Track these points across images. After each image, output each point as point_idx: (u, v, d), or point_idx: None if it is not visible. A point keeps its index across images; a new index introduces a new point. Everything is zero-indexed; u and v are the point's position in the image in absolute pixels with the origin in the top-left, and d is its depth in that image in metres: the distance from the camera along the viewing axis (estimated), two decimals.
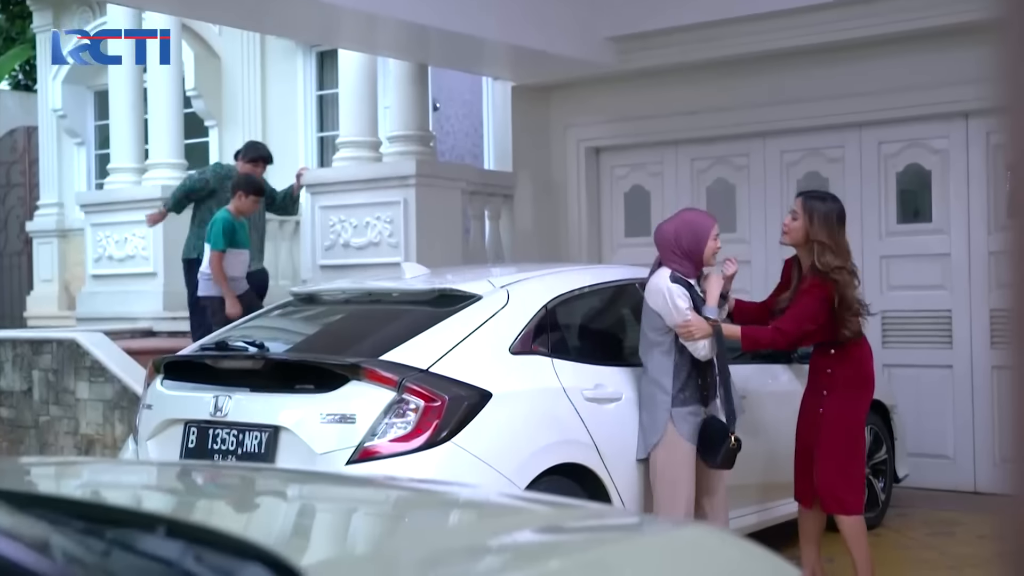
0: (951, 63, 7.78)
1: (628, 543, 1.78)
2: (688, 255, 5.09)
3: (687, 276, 5.09)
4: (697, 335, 4.93)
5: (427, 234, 8.49)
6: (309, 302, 5.70)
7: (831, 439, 5.16)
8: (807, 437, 5.25)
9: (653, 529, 1.98)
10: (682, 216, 5.31)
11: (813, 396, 5.28)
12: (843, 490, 5.15)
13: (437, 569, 1.52)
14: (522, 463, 4.63)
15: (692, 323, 4.93)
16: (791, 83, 8.42)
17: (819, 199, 5.24)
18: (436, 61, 9.06)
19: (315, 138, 11.98)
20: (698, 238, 5.09)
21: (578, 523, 1.96)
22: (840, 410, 5.17)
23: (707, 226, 5.14)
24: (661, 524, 2.09)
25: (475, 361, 4.73)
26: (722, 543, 1.88)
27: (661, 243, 5.17)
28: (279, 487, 2.21)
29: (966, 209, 7.95)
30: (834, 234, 5.11)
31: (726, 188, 9.03)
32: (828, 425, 5.15)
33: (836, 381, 5.18)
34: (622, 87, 9.16)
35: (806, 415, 5.30)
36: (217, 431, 4.82)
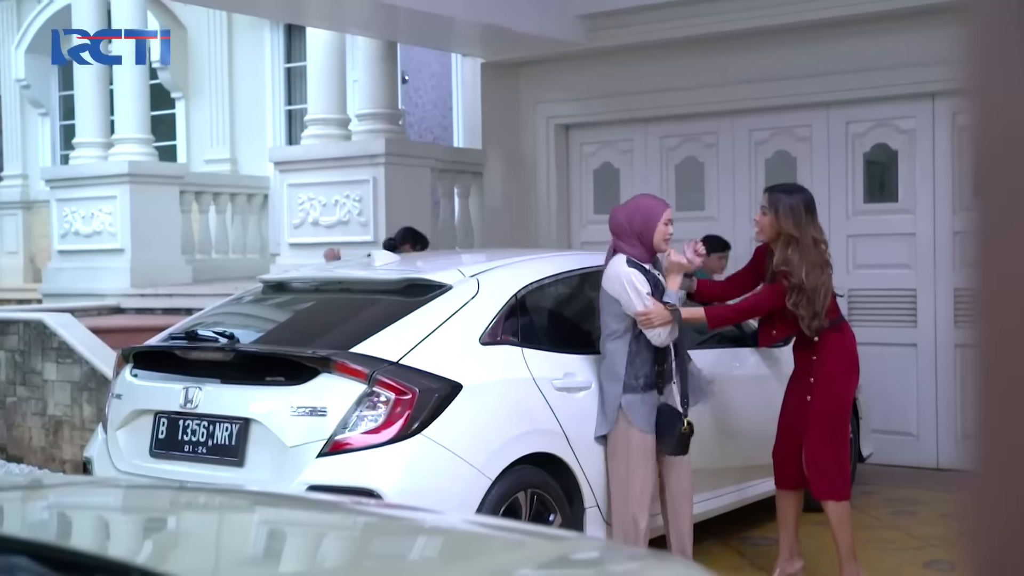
0: (918, 44, 7.81)
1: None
2: (640, 238, 5.12)
3: (642, 261, 5.12)
4: (656, 322, 4.96)
5: (396, 212, 8.47)
6: (279, 290, 5.69)
7: (821, 425, 5.20)
8: (794, 424, 5.29)
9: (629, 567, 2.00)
10: (636, 201, 5.36)
11: (800, 383, 5.31)
12: (834, 476, 5.22)
13: None
14: (493, 454, 4.66)
15: (652, 311, 4.96)
16: (760, 62, 8.43)
17: (785, 192, 5.27)
18: (405, 39, 9.02)
19: (283, 111, 11.92)
20: (648, 222, 5.11)
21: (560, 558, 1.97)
22: (828, 396, 5.22)
23: (658, 211, 5.17)
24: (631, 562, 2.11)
25: (445, 352, 4.75)
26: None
27: (615, 228, 5.20)
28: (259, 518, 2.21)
29: (932, 189, 8.02)
30: (801, 225, 5.14)
31: (695, 166, 9.05)
32: (817, 412, 5.20)
33: (823, 368, 5.22)
34: (592, 64, 9.14)
35: (792, 402, 5.33)
36: (187, 422, 4.82)
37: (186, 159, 12.12)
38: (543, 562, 1.95)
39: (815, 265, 5.11)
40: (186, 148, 12.39)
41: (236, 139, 12.02)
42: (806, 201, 5.21)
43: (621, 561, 2.08)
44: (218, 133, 12.07)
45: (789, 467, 5.34)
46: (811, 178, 8.37)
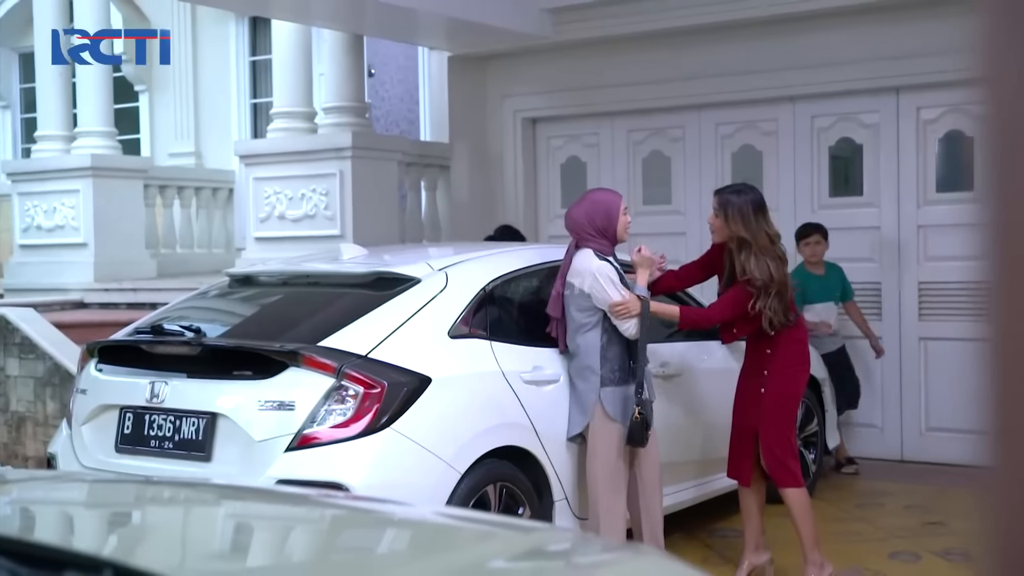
0: (883, 38, 7.88)
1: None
2: (603, 233, 5.13)
3: (607, 254, 5.14)
4: (634, 311, 4.98)
5: (363, 206, 8.44)
6: (246, 284, 5.65)
7: (776, 417, 5.27)
8: (748, 416, 5.33)
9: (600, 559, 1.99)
10: (589, 197, 5.36)
11: (753, 376, 5.35)
12: (792, 465, 5.28)
13: None
14: (462, 447, 4.65)
15: (629, 301, 4.98)
16: (726, 56, 8.46)
17: (734, 193, 5.30)
18: (371, 31, 8.98)
19: (248, 105, 11.84)
20: (609, 215, 5.13)
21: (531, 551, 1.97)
22: (782, 388, 5.28)
23: (615, 203, 5.19)
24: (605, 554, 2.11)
25: (414, 346, 4.74)
26: (668, 571, 1.91)
27: (575, 227, 5.20)
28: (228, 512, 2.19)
29: (896, 183, 8.08)
30: (751, 226, 5.16)
31: (662, 160, 9.07)
32: (771, 403, 5.26)
33: (777, 361, 5.27)
34: (559, 58, 9.14)
35: (746, 395, 5.38)
36: (154, 417, 4.78)
37: (150, 153, 12.02)
38: (516, 554, 1.95)
39: (775, 262, 5.14)
40: (150, 142, 12.29)
41: (201, 133, 11.93)
42: (754, 201, 5.24)
43: (596, 552, 2.08)
44: (182, 127, 11.98)
45: (745, 461, 5.38)
46: (777, 172, 8.43)
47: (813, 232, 7.59)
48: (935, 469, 7.71)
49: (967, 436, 7.84)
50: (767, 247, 5.16)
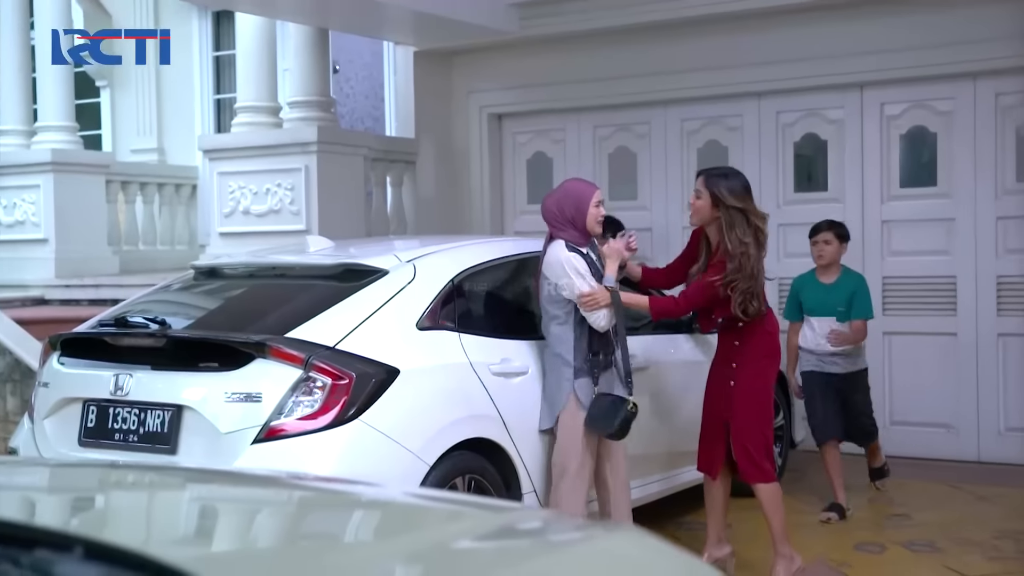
0: (848, 35, 7.94)
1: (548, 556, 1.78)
2: (572, 223, 5.13)
3: (578, 245, 5.14)
4: (601, 302, 4.98)
5: (329, 201, 8.39)
6: (211, 276, 5.59)
7: (747, 410, 5.26)
8: (718, 409, 5.34)
9: (572, 537, 1.98)
10: (564, 186, 5.37)
11: (723, 368, 5.36)
12: (762, 458, 5.28)
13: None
14: (430, 439, 4.63)
15: (596, 292, 4.98)
16: (691, 52, 8.49)
17: (721, 176, 5.30)
18: (337, 25, 8.93)
19: (212, 100, 11.74)
20: (580, 207, 5.14)
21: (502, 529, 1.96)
22: (752, 381, 5.28)
23: (588, 194, 5.19)
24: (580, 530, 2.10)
25: (382, 337, 4.71)
26: (644, 549, 1.90)
27: (548, 216, 5.22)
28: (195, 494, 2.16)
29: (860, 178, 8.14)
30: (744, 200, 5.18)
31: (627, 155, 9.09)
32: (742, 396, 5.26)
33: (746, 353, 5.28)
34: (525, 54, 9.13)
35: (716, 387, 5.38)
36: (118, 410, 4.73)
37: (112, 149, 11.88)
38: (487, 532, 1.93)
39: (757, 241, 5.15)
40: (112, 138, 12.15)
41: (164, 128, 11.81)
42: (744, 184, 5.25)
43: (567, 531, 2.07)
44: (145, 122, 11.86)
45: (714, 453, 5.38)
46: (742, 167, 8.36)
47: (822, 230, 6.65)
48: (899, 462, 7.75)
49: (931, 429, 7.92)
50: (759, 229, 5.15)
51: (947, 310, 7.90)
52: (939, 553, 5.75)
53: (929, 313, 7.97)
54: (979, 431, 7.81)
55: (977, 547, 5.82)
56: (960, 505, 6.73)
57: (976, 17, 7.47)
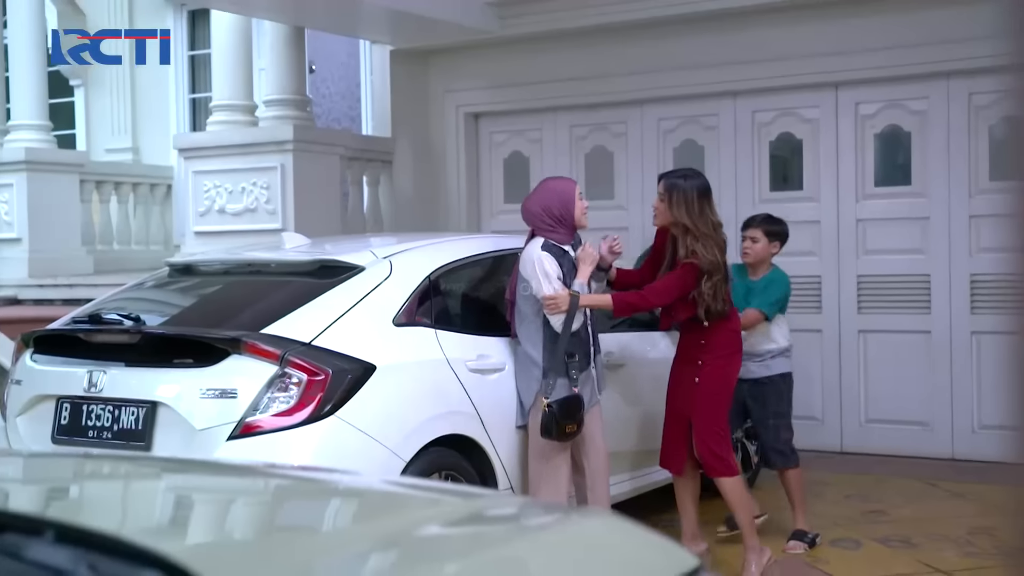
0: (822, 34, 7.97)
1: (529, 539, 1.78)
2: (561, 221, 5.13)
3: (563, 243, 5.14)
4: (563, 307, 4.97)
5: (305, 200, 8.36)
6: (186, 273, 5.56)
7: (710, 406, 5.29)
8: (681, 406, 5.35)
9: (549, 521, 1.98)
10: (544, 186, 5.37)
11: (687, 365, 5.38)
12: (725, 452, 5.30)
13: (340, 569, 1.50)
14: (406, 436, 4.62)
15: (558, 296, 4.97)
16: (668, 51, 8.50)
17: (680, 177, 5.32)
18: (313, 24, 8.90)
19: (187, 100, 11.69)
20: (566, 204, 5.15)
21: (476, 515, 1.95)
22: (716, 378, 5.31)
23: (570, 189, 5.21)
24: (557, 515, 2.10)
25: (358, 333, 4.69)
26: (619, 533, 1.90)
27: (531, 218, 5.21)
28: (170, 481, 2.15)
29: (835, 177, 8.18)
30: (692, 213, 5.19)
31: (604, 155, 9.10)
32: (705, 393, 5.28)
33: (710, 351, 5.30)
34: (502, 53, 9.13)
35: (679, 384, 5.39)
36: (92, 407, 4.69)
37: (86, 148, 11.81)
38: (459, 518, 1.92)
39: (720, 248, 5.18)
40: (86, 137, 12.08)
41: (138, 128, 11.76)
42: (699, 187, 5.26)
43: (541, 515, 2.06)
44: (119, 122, 11.79)
45: (678, 450, 5.40)
46: (718, 167, 8.47)
47: (752, 225, 6.07)
48: (874, 459, 7.81)
49: (906, 427, 7.96)
50: (708, 234, 5.18)
51: (921, 308, 7.94)
52: (914, 549, 5.77)
53: (904, 311, 8.01)
54: (953, 428, 7.85)
55: (952, 543, 5.85)
56: (935, 502, 6.76)
57: (950, 17, 7.52)
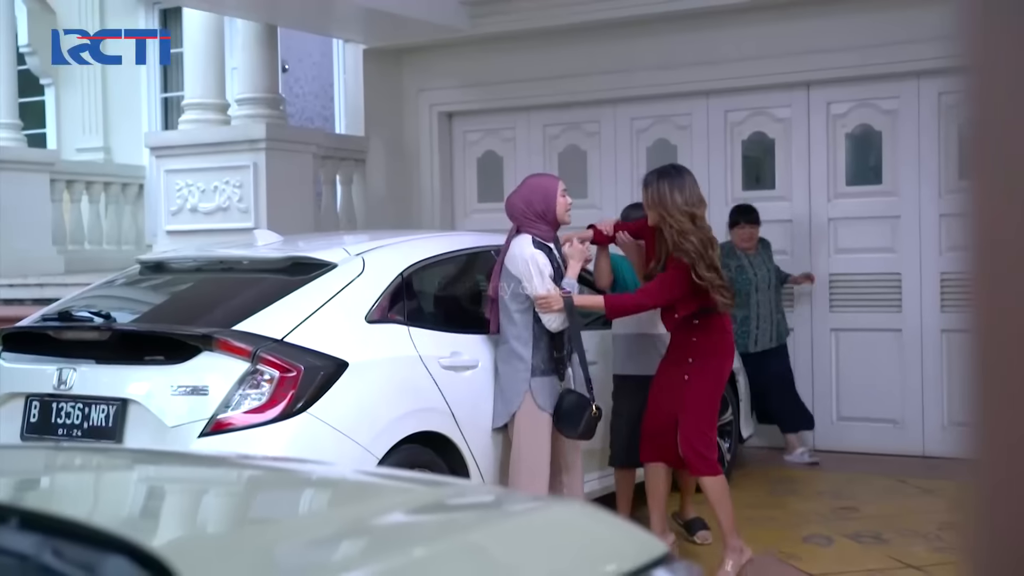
0: (794, 34, 8.01)
1: (499, 524, 1.78)
2: (543, 217, 5.14)
3: (546, 239, 5.16)
4: (554, 307, 4.99)
5: (278, 199, 8.33)
6: (157, 270, 5.53)
7: (699, 406, 5.30)
8: (668, 403, 5.34)
9: (520, 508, 1.98)
10: (527, 183, 5.39)
11: (677, 364, 5.36)
12: (709, 452, 5.32)
13: (314, 556, 1.49)
14: (379, 432, 4.61)
15: (551, 295, 4.98)
16: (641, 51, 8.53)
17: (656, 175, 5.36)
18: (285, 22, 8.87)
19: (159, 99, 11.62)
20: (548, 200, 5.17)
21: (444, 503, 1.95)
22: (706, 377, 5.31)
23: (553, 185, 5.24)
24: (527, 502, 2.10)
25: (331, 330, 4.68)
26: (589, 519, 1.90)
27: (515, 213, 5.22)
28: (138, 471, 2.14)
29: (807, 176, 8.22)
30: (668, 207, 5.21)
31: (577, 154, 9.11)
32: (695, 392, 5.28)
33: (701, 350, 5.31)
34: (475, 52, 9.13)
35: (668, 382, 5.38)
36: (61, 405, 4.66)
37: (57, 147, 11.72)
38: (430, 505, 1.92)
39: (707, 241, 5.19)
40: (56, 136, 11.99)
41: (110, 127, 11.67)
42: (670, 182, 5.26)
43: (509, 502, 2.06)
44: (90, 121, 11.71)
45: (659, 442, 5.41)
46: (691, 166, 8.35)
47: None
48: (846, 457, 7.86)
49: (877, 424, 8.01)
50: (689, 229, 5.18)
51: (892, 307, 8.00)
52: (885, 544, 5.81)
53: (875, 310, 8.06)
54: (924, 426, 7.91)
55: (922, 538, 5.89)
56: (905, 498, 6.81)
57: (920, 17, 7.57)
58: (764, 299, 7.66)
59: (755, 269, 7.67)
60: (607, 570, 1.59)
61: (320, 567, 1.44)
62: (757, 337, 7.66)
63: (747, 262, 7.67)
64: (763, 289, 7.65)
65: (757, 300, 7.63)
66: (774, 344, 7.74)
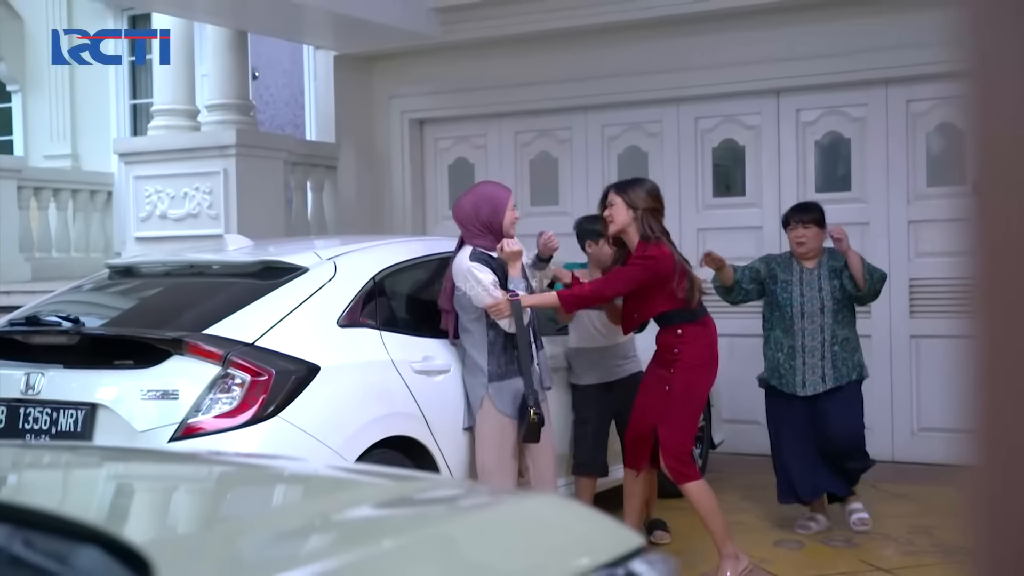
0: (763, 41, 8.06)
1: (469, 516, 1.77)
2: (488, 227, 5.14)
3: (488, 250, 5.14)
4: (506, 312, 4.98)
5: (248, 205, 8.29)
6: (126, 275, 5.49)
7: (680, 416, 5.30)
8: (650, 411, 5.33)
9: (492, 500, 1.98)
10: (478, 189, 5.38)
11: (660, 372, 5.36)
12: (687, 461, 5.32)
13: (283, 548, 1.48)
14: (351, 437, 4.59)
15: (500, 301, 4.97)
16: (612, 58, 8.56)
17: (631, 184, 5.38)
18: (255, 28, 8.84)
19: (127, 106, 11.55)
20: (496, 209, 5.15)
21: (418, 496, 1.95)
22: (688, 387, 5.31)
23: (503, 197, 5.21)
24: (500, 494, 2.10)
25: (302, 334, 4.66)
26: (563, 511, 1.90)
27: (461, 218, 5.21)
28: (109, 466, 2.12)
29: (777, 183, 8.26)
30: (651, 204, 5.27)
31: (549, 161, 9.13)
32: (676, 401, 5.28)
33: (684, 360, 5.30)
34: (446, 58, 9.13)
35: (651, 390, 5.37)
36: (29, 410, 4.61)
37: (24, 154, 11.63)
38: (395, 499, 1.91)
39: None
40: (23, 143, 11.89)
41: (78, 134, 11.58)
42: (652, 188, 5.36)
43: (481, 495, 2.06)
44: (58, 128, 11.62)
45: (640, 450, 5.41)
46: (662, 173, 8.52)
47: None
48: None
49: None
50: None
51: (862, 313, 8.00)
52: (856, 548, 5.85)
53: None
54: (893, 431, 7.95)
55: (892, 542, 5.93)
56: (876, 503, 6.83)
57: (888, 25, 7.64)
58: (812, 328, 6.06)
59: (804, 287, 6.09)
60: (582, 562, 1.59)
61: (290, 558, 1.43)
62: (805, 377, 6.11)
63: (798, 278, 6.14)
64: (810, 314, 6.06)
65: (803, 328, 6.08)
66: (829, 385, 6.10)
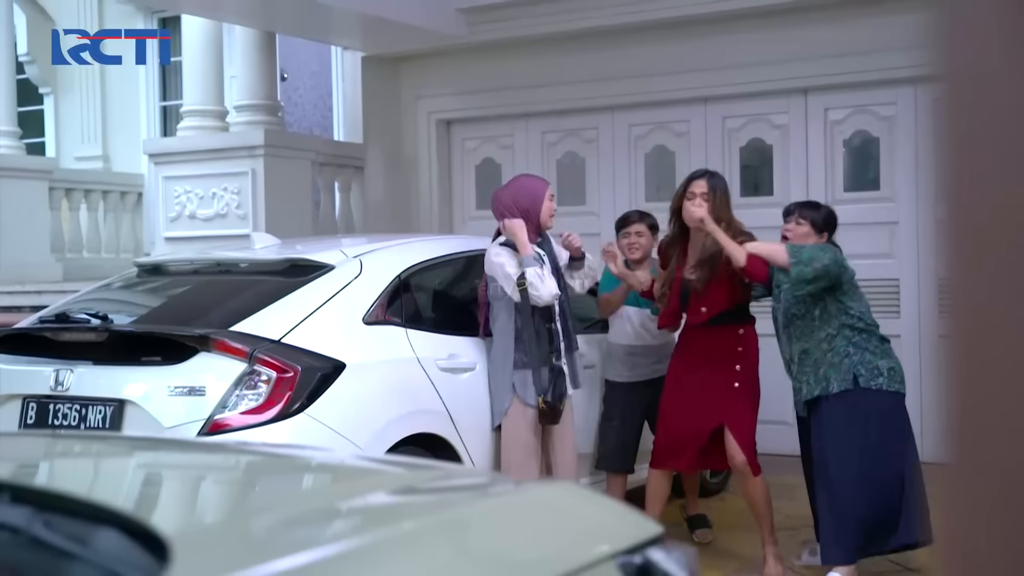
0: (791, 40, 8.01)
1: (485, 502, 1.78)
2: (526, 217, 5.15)
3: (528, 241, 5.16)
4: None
5: (276, 205, 8.34)
6: (154, 273, 5.54)
7: (750, 412, 5.39)
8: (712, 411, 5.33)
9: (510, 488, 1.98)
10: (517, 181, 5.45)
11: (726, 372, 5.36)
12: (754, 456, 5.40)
13: (297, 532, 1.49)
14: (376, 434, 4.60)
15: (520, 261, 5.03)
16: (638, 57, 8.54)
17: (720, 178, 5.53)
18: (284, 29, 8.89)
19: (158, 107, 11.64)
20: (535, 201, 5.18)
21: (434, 484, 1.95)
22: (755, 383, 5.43)
23: (541, 189, 5.26)
24: (519, 483, 2.10)
25: (328, 331, 4.68)
26: (581, 499, 1.90)
27: (500, 208, 5.24)
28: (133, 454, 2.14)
29: (805, 182, 8.22)
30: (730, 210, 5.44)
31: (576, 161, 9.12)
32: (747, 397, 5.37)
33: (748, 358, 5.39)
34: (473, 59, 9.14)
35: (710, 388, 5.35)
36: (58, 406, 4.65)
37: (56, 156, 11.75)
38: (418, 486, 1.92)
39: None
40: (55, 145, 12.01)
41: (108, 135, 11.70)
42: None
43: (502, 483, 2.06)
44: (89, 129, 11.73)
45: (689, 449, 5.40)
46: (690, 172, 8.49)
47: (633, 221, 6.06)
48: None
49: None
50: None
51: (891, 312, 7.98)
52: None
53: (874, 316, 8.03)
54: (922, 431, 7.88)
55: None
56: None
57: (915, 23, 7.58)
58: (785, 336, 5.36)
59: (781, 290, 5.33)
60: (601, 548, 1.59)
61: (306, 540, 1.44)
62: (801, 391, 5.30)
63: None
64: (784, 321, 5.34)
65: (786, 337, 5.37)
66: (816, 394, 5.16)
